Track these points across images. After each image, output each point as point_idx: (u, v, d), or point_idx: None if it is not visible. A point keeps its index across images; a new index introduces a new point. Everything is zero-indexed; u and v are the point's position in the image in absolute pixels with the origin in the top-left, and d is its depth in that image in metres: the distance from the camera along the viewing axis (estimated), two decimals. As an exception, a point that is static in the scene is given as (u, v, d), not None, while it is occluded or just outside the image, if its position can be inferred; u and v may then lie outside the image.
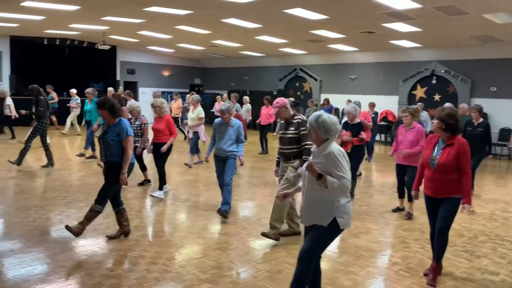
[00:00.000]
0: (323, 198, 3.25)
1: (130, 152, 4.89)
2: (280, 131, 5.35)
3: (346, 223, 3.29)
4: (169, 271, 4.30)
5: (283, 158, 5.29)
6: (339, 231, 3.30)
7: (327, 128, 3.25)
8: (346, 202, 3.30)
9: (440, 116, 4.12)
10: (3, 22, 14.30)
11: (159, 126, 7.09)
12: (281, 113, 5.22)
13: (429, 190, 4.24)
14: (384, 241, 5.47)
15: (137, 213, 6.32)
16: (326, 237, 3.32)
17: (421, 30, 11.73)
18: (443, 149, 4.11)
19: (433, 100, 15.39)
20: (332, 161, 3.19)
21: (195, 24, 13.41)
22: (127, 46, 20.84)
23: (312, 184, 3.29)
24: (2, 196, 6.99)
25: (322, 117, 3.29)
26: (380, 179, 9.79)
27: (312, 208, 3.33)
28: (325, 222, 3.25)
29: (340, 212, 3.25)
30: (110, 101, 4.94)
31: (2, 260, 4.42)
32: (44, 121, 9.02)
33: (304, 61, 19.56)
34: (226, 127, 6.12)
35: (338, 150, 3.24)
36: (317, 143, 3.34)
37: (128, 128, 4.91)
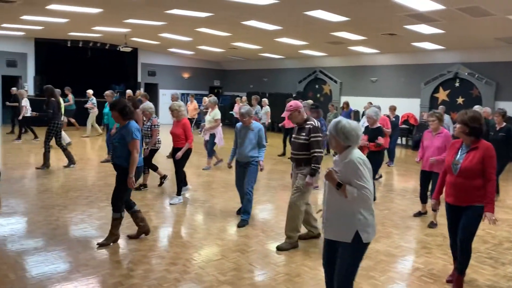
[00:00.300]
0: (344, 210, 3.07)
1: (136, 155, 4.81)
2: (293, 136, 5.24)
3: (370, 236, 3.09)
4: (189, 272, 4.32)
5: (294, 163, 5.19)
6: (365, 245, 3.10)
7: (346, 135, 3.09)
8: (369, 214, 3.09)
9: (463, 120, 3.93)
10: (29, 25, 14.63)
11: (176, 130, 6.92)
12: (294, 117, 5.07)
13: (451, 198, 4.04)
14: (405, 246, 5.38)
15: (156, 213, 6.38)
16: (355, 255, 3.10)
17: (444, 31, 11.53)
18: (467, 153, 3.94)
19: (456, 103, 15.11)
20: (352, 170, 3.01)
21: (215, 26, 13.48)
22: (148, 48, 21.09)
23: (332, 194, 3.13)
24: (26, 195, 7.15)
25: (341, 123, 3.12)
26: (401, 183, 9.65)
27: (334, 221, 3.14)
28: (348, 238, 3.05)
29: (362, 225, 3.04)
30: (122, 103, 4.92)
31: (27, 258, 4.51)
32: (55, 122, 9.07)
33: (324, 63, 19.46)
34: (246, 131, 5.95)
35: (359, 157, 3.06)
36: (339, 151, 3.17)
37: (134, 131, 4.83)
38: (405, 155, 14.50)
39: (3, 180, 7.59)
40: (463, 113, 3.99)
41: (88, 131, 14.98)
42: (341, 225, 3.08)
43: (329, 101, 18.98)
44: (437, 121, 6.12)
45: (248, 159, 5.88)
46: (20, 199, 6.90)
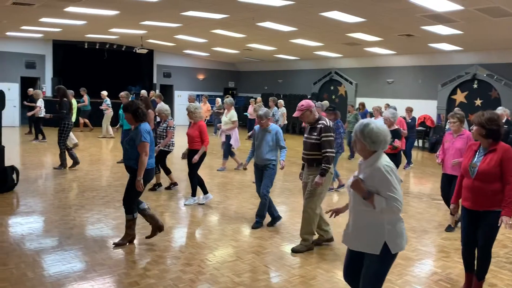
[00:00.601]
0: (371, 220, 2.87)
1: (144, 158, 4.74)
2: (304, 135, 5.15)
3: (398, 246, 2.90)
4: (204, 273, 4.32)
5: (306, 164, 5.08)
6: (393, 256, 2.91)
7: (374, 139, 2.86)
8: (399, 224, 2.90)
9: (480, 122, 3.77)
10: (47, 27, 14.87)
11: (192, 132, 6.80)
12: (305, 116, 4.98)
13: (468, 202, 3.87)
14: (422, 250, 5.31)
15: (171, 214, 6.40)
16: (383, 267, 2.91)
17: (462, 32, 11.36)
18: (485, 156, 3.79)
19: (474, 105, 14.86)
20: (380, 179, 2.80)
21: (231, 28, 13.51)
22: (164, 50, 21.25)
23: (358, 204, 2.93)
24: (44, 195, 7.25)
25: (369, 126, 2.88)
26: (417, 186, 9.54)
27: (359, 232, 2.94)
28: (376, 250, 2.85)
29: (391, 236, 2.85)
30: (135, 105, 4.88)
31: (44, 257, 4.57)
32: (67, 122, 9.10)
33: (339, 64, 19.35)
34: (264, 133, 5.83)
35: (387, 165, 2.84)
36: (363, 156, 2.96)
37: (144, 133, 4.77)
38: (421, 157, 14.33)
39: (21, 180, 7.72)
40: (479, 115, 3.84)
41: (103, 131, 15.14)
42: (369, 236, 2.89)
43: (345, 102, 18.91)
44: (458, 123, 5.90)
45: (265, 162, 5.76)
46: (38, 198, 7.01)
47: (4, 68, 17.76)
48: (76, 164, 9.40)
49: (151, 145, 4.90)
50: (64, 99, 9.16)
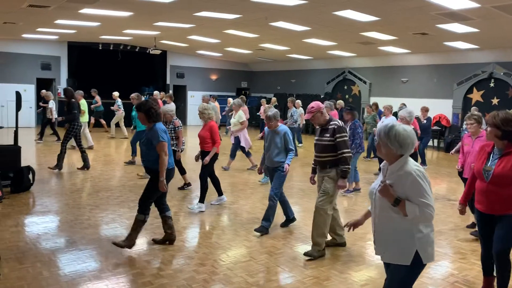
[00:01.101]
0: (400, 229, 2.70)
1: (165, 157, 4.71)
2: (316, 137, 5.03)
3: (430, 256, 2.73)
4: (217, 273, 4.32)
5: (318, 166, 4.99)
6: (423, 266, 2.75)
7: (401, 143, 2.67)
8: (429, 231, 2.74)
9: (495, 123, 3.58)
10: (62, 28, 15.05)
11: (203, 133, 6.64)
12: (316, 118, 4.89)
13: (482, 205, 3.72)
14: (439, 251, 5.20)
15: (185, 214, 6.42)
16: (411, 277, 2.75)
17: (479, 30, 11.19)
18: (499, 159, 3.60)
19: (491, 104, 14.63)
20: (412, 184, 2.62)
21: (243, 28, 13.51)
22: (177, 50, 21.36)
23: (385, 211, 2.74)
24: (59, 195, 7.33)
25: (394, 128, 2.70)
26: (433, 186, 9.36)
27: (389, 242, 2.75)
28: (407, 260, 2.68)
29: (422, 244, 2.68)
30: (148, 105, 4.80)
31: (60, 256, 4.61)
32: (76, 124, 9.07)
33: (353, 63, 19.22)
34: (273, 135, 5.66)
35: (418, 169, 2.66)
36: (389, 160, 2.76)
37: (161, 133, 4.73)
38: (436, 157, 14.14)
39: (37, 180, 7.82)
40: (494, 115, 3.65)
41: (112, 131, 15.20)
42: (399, 245, 2.71)
43: (358, 102, 18.79)
44: (476, 124, 5.63)
45: (275, 164, 5.60)
46: (53, 198, 7.09)
47: (20, 69, 18.05)
48: (85, 168, 9.40)
49: (168, 145, 4.87)
50: (73, 100, 9.17)
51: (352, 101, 19.16)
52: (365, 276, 4.38)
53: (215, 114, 10.92)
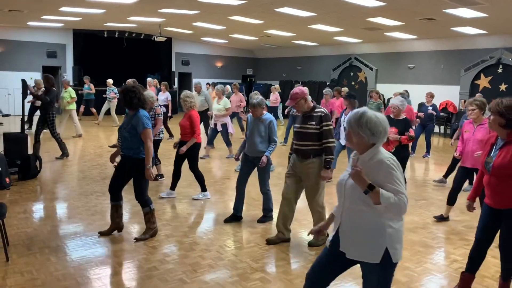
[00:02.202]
0: (371, 223, 2.50)
1: (150, 144, 4.54)
2: (297, 125, 4.70)
3: (399, 254, 2.53)
4: (222, 259, 4.36)
5: (299, 156, 4.65)
6: (394, 265, 2.55)
7: (373, 130, 2.49)
8: (401, 226, 2.55)
9: (498, 110, 3.33)
10: (67, 16, 15.03)
11: (183, 122, 6.34)
12: (300, 105, 4.60)
13: (488, 199, 3.55)
14: (443, 237, 5.24)
15: (190, 201, 6.46)
16: (385, 277, 2.56)
17: (487, 15, 11.02)
18: (501, 149, 3.41)
19: (499, 91, 14.48)
20: (384, 172, 2.46)
21: (248, 14, 13.41)
22: (182, 37, 21.28)
23: (355, 204, 2.54)
24: (67, 182, 7.41)
25: (366, 115, 2.50)
26: (438, 173, 9.37)
27: (357, 237, 2.55)
28: (376, 258, 2.48)
29: (393, 241, 2.48)
30: (129, 89, 4.62)
31: (67, 242, 4.68)
32: (52, 112, 8.82)
33: (359, 49, 19.05)
34: (256, 123, 5.39)
35: (391, 157, 2.51)
36: (361, 150, 2.57)
37: (145, 120, 4.54)
38: (443, 144, 14.08)
39: (44, 167, 7.90)
40: (498, 102, 3.38)
41: (116, 121, 14.97)
42: (369, 242, 2.50)
43: (365, 88, 18.66)
44: (477, 110, 5.40)
45: (257, 153, 5.36)
46: (60, 185, 7.17)
47: (26, 57, 18.09)
48: (65, 157, 9.21)
49: None
50: (53, 88, 8.94)
51: (358, 87, 19.05)
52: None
53: (206, 102, 10.84)
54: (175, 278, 3.91)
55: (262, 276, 4.00)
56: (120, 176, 4.81)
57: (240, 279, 3.92)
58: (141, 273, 4.00)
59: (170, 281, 3.83)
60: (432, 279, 4.09)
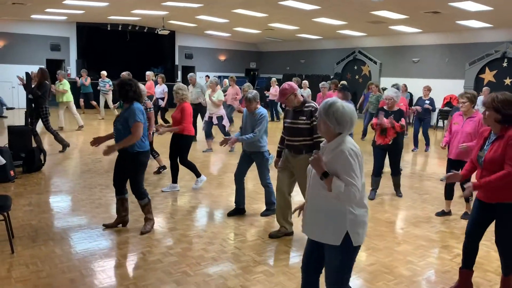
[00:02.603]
0: (332, 208, 2.63)
1: (133, 138, 4.50)
2: (287, 120, 4.65)
3: (360, 238, 2.66)
4: (226, 252, 4.38)
5: (291, 151, 4.63)
6: (355, 249, 2.67)
7: (339, 120, 2.61)
8: (363, 212, 2.67)
9: (494, 106, 3.29)
10: (70, 9, 15.01)
11: (176, 114, 6.34)
12: (290, 100, 4.56)
13: (479, 193, 3.54)
14: (446, 232, 5.24)
15: (193, 194, 6.48)
16: (345, 259, 2.68)
17: (492, 8, 10.94)
18: (492, 143, 3.40)
19: (503, 85, 14.39)
20: (342, 162, 2.56)
21: (252, 7, 13.36)
22: (185, 31, 21.23)
23: (317, 188, 2.68)
24: (71, 175, 7.44)
25: (334, 106, 2.63)
26: (440, 167, 9.35)
27: (318, 220, 2.69)
28: (336, 240, 2.61)
29: (353, 226, 2.61)
30: (126, 81, 4.62)
31: (71, 235, 4.71)
32: (45, 106, 8.70)
33: (363, 43, 18.96)
34: (251, 117, 5.35)
35: (351, 148, 2.59)
36: (328, 138, 2.70)
37: (138, 113, 4.51)
38: (447, 138, 14.01)
39: (48, 160, 7.93)
40: (493, 97, 3.33)
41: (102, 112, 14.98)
42: (328, 225, 2.64)
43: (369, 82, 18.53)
44: (468, 103, 5.38)
45: (254, 148, 5.36)
46: (64, 178, 7.20)
47: (30, 50, 18.10)
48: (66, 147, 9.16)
49: (144, 126, 4.64)
50: (46, 82, 8.77)
51: (362, 81, 18.98)
52: (372, 257, 4.41)
53: (202, 94, 10.74)
54: (179, 270, 3.93)
55: (265, 269, 4.02)
56: (120, 170, 4.81)
57: (243, 272, 3.94)
58: (145, 265, 4.03)
59: (174, 274, 3.86)
60: (435, 273, 4.10)
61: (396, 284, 3.82)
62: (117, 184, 4.86)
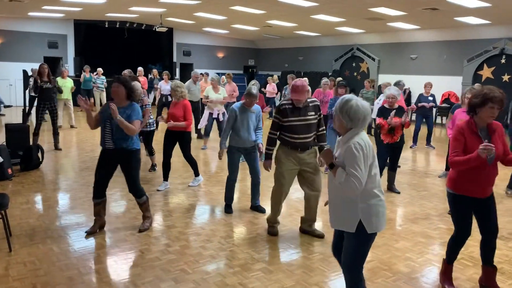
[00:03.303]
0: (345, 197, 2.86)
1: (136, 131, 4.52)
2: (296, 118, 4.52)
3: (375, 226, 2.85)
4: (224, 249, 4.38)
5: (298, 149, 4.57)
6: (369, 235, 2.86)
7: (352, 117, 2.81)
8: (376, 202, 2.86)
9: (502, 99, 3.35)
10: (68, 6, 14.96)
11: (176, 111, 6.28)
12: (305, 97, 4.55)
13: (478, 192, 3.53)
14: (444, 228, 5.24)
15: (192, 191, 6.47)
16: (359, 246, 2.89)
17: (490, 5, 10.92)
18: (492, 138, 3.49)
19: (502, 81, 14.40)
20: (347, 154, 2.77)
21: (250, 4, 13.32)
22: (183, 28, 21.17)
23: (331, 179, 2.95)
24: (69, 172, 7.42)
25: (349, 103, 2.83)
26: (440, 164, 9.37)
27: (336, 209, 2.96)
28: (351, 228, 2.86)
29: (366, 214, 2.82)
30: (128, 80, 4.64)
31: (69, 232, 4.70)
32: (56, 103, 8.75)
33: (361, 40, 18.93)
34: (248, 113, 5.37)
35: (358, 142, 2.77)
36: (342, 132, 2.93)
37: (140, 112, 4.60)
38: (444, 135, 14.04)
39: (46, 158, 7.91)
40: (501, 91, 3.40)
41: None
42: (344, 213, 2.89)
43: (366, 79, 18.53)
44: None
45: (252, 143, 5.43)
46: (62, 176, 7.19)
47: (27, 48, 18.03)
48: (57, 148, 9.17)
49: None
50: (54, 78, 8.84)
51: (361, 78, 18.97)
52: (371, 254, 4.41)
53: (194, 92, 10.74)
54: (177, 268, 3.92)
55: (264, 266, 4.02)
56: (108, 172, 4.68)
57: (241, 269, 3.94)
58: (143, 263, 4.02)
59: (172, 272, 3.85)
60: (433, 270, 4.10)
61: (395, 280, 3.82)
62: (103, 187, 4.71)
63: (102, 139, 4.58)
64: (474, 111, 3.41)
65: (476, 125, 3.40)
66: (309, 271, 3.94)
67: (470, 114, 3.47)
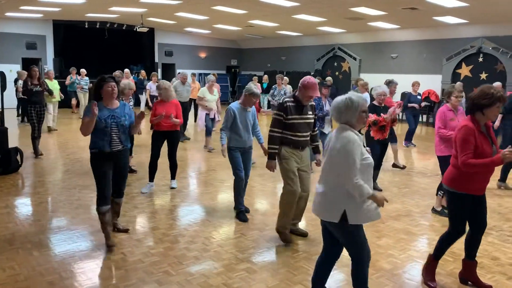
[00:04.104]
0: (332, 186, 2.97)
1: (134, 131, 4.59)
2: (297, 116, 4.48)
3: (359, 218, 2.91)
4: (208, 250, 4.36)
5: (300, 148, 4.56)
6: (355, 226, 2.91)
7: (343, 112, 3.00)
8: None
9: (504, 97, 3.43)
10: (46, 6, 14.70)
11: (169, 110, 6.14)
12: None
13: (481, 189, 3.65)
14: (426, 225, 5.32)
15: (176, 192, 6.43)
16: (350, 237, 2.96)
17: (468, 4, 11.13)
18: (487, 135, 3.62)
19: (480, 79, 14.69)
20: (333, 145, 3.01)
21: (232, 4, 13.30)
22: (165, 28, 21.02)
23: (323, 171, 3.10)
24: (48, 176, 7.30)
25: (342, 99, 3.03)
26: (421, 161, 9.51)
27: (321, 199, 3.04)
28: (334, 217, 2.91)
29: (350, 205, 2.89)
30: (118, 80, 4.66)
31: (50, 236, 4.62)
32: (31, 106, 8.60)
33: (342, 40, 19.09)
34: (246, 113, 5.36)
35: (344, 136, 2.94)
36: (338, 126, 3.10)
37: None
38: (425, 133, 14.26)
39: (25, 161, 7.76)
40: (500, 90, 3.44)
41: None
42: (327, 204, 2.98)
43: (348, 78, 18.72)
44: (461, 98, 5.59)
45: (251, 143, 5.44)
46: (42, 179, 7.06)
47: (5, 49, 17.67)
48: None
49: None
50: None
51: (342, 77, 19.13)
52: (353, 250, 4.45)
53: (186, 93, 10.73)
54: (160, 270, 3.89)
55: (248, 266, 4.01)
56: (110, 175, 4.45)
57: (226, 270, 3.93)
58: (126, 266, 3.97)
59: (155, 274, 3.82)
60: (416, 266, 4.15)
61: (378, 277, 3.86)
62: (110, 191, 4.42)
63: (106, 143, 4.27)
64: (480, 111, 3.43)
65: (480, 124, 3.47)
66: (293, 270, 3.95)
67: (472, 113, 3.49)
